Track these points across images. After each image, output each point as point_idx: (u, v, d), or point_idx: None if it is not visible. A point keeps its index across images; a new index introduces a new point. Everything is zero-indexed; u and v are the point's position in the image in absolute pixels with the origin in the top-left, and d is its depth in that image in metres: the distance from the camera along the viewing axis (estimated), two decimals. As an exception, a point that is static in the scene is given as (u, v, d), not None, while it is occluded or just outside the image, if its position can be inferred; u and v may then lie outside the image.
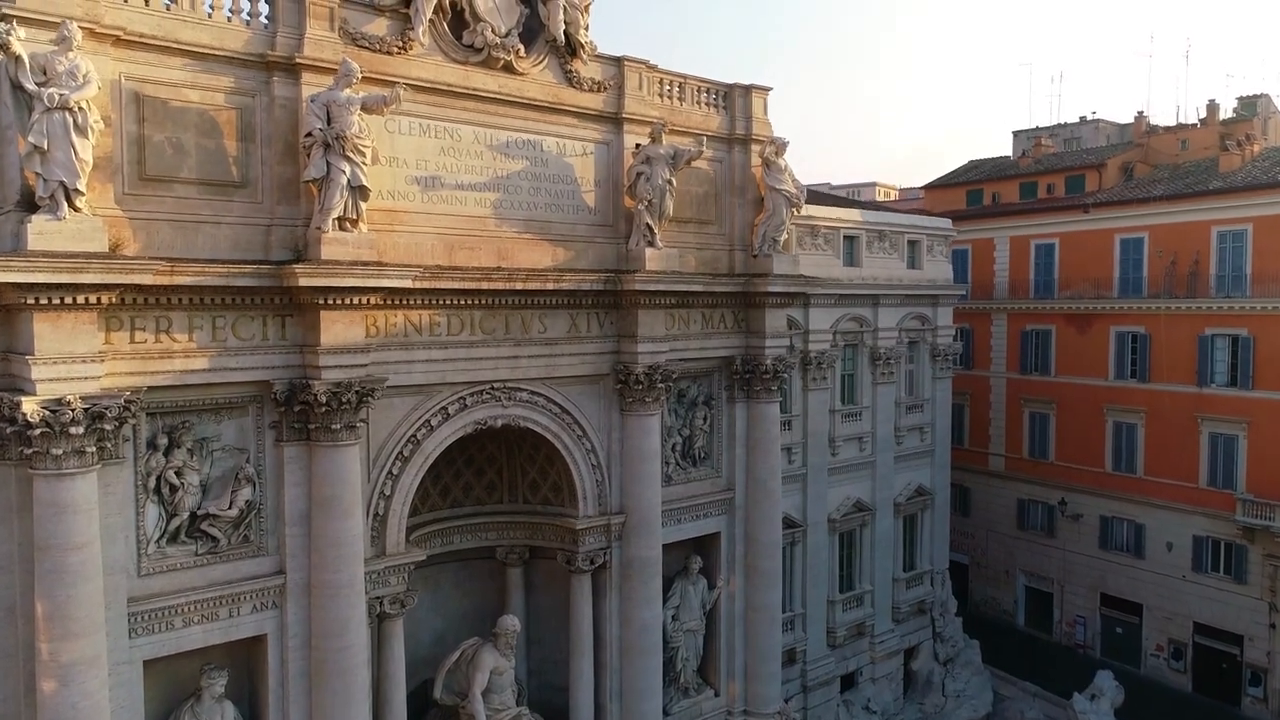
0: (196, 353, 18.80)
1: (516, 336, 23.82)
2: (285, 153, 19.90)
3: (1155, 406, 41.11)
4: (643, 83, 26.36)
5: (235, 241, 19.40)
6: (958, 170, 57.35)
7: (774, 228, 28.83)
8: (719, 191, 28.89)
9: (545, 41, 24.09)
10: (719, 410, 29.24)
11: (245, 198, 19.67)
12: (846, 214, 35.37)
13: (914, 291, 37.67)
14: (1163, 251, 40.59)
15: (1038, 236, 46.06)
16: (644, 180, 25.23)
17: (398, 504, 22.18)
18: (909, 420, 38.47)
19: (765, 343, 28.81)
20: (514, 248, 23.74)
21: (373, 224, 20.75)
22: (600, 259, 25.56)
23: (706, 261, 28.42)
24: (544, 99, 24.22)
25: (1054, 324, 45.07)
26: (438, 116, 22.45)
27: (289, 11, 19.95)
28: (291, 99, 19.94)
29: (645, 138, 25.69)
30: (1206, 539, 39.90)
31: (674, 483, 27.90)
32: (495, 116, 23.44)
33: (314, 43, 20.01)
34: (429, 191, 22.34)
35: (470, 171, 23.07)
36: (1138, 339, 41.73)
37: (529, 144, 24.17)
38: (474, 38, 22.69)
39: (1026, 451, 46.66)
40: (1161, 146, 48.07)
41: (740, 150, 29.04)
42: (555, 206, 24.80)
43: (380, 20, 21.41)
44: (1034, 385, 46.15)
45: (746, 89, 29.28)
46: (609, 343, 25.77)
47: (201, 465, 19.41)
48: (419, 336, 22.14)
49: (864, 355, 36.38)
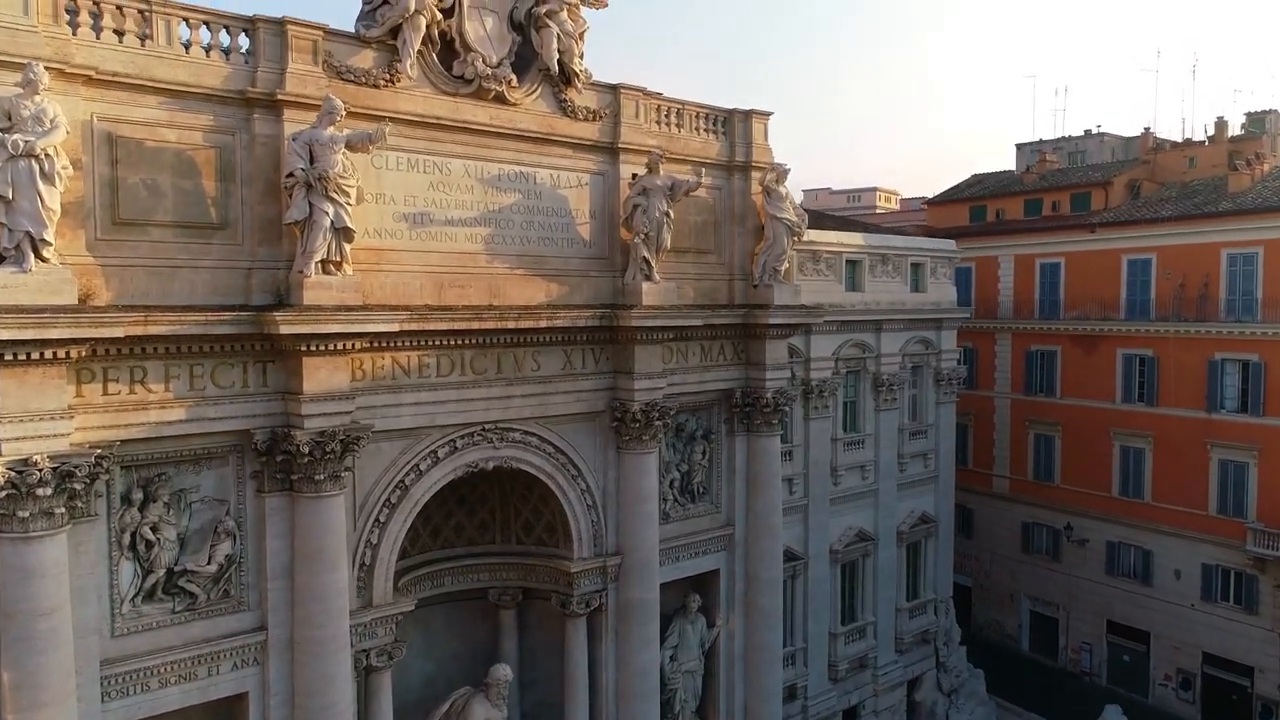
0: (173, 403, 18.04)
1: (509, 375, 23.06)
2: (267, 192, 19.14)
3: (1163, 431, 40.31)
4: (639, 110, 25.61)
5: (214, 286, 18.63)
6: (960, 185, 56.56)
7: (775, 257, 28.07)
8: (718, 220, 28.13)
9: (538, 70, 23.34)
10: (718, 444, 28.47)
11: (225, 240, 18.90)
12: (849, 238, 34.61)
13: (917, 316, 36.90)
14: (1171, 273, 39.81)
15: (1043, 255, 45.27)
16: (640, 212, 24.47)
17: (385, 553, 21.41)
18: (912, 446, 37.68)
19: (766, 375, 28.05)
20: (506, 284, 22.98)
21: (358, 263, 20.02)
22: (596, 293, 24.80)
23: (705, 292, 27.67)
24: (537, 130, 23.46)
25: (1059, 345, 44.29)
26: (427, 150, 21.69)
27: (270, 45, 19.20)
28: (273, 136, 19.18)
29: (642, 167, 24.94)
30: (1216, 567, 39.11)
31: (672, 520, 27.14)
32: (487, 149, 22.68)
33: (297, 78, 19.25)
34: (418, 228, 21.58)
35: (461, 206, 22.31)
36: (1145, 362, 40.94)
37: (522, 176, 23.41)
38: (464, 68, 21.93)
39: (1031, 474, 45.87)
40: (1169, 164, 47.27)
41: (740, 177, 28.29)
42: (549, 240, 24.04)
43: (366, 52, 20.65)
44: (1039, 406, 45.35)
45: (746, 114, 28.52)
46: (605, 379, 25.00)
47: (179, 518, 18.64)
48: (407, 379, 21.36)
49: (866, 381, 35.60)
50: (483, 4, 22.39)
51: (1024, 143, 63.24)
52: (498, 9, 22.69)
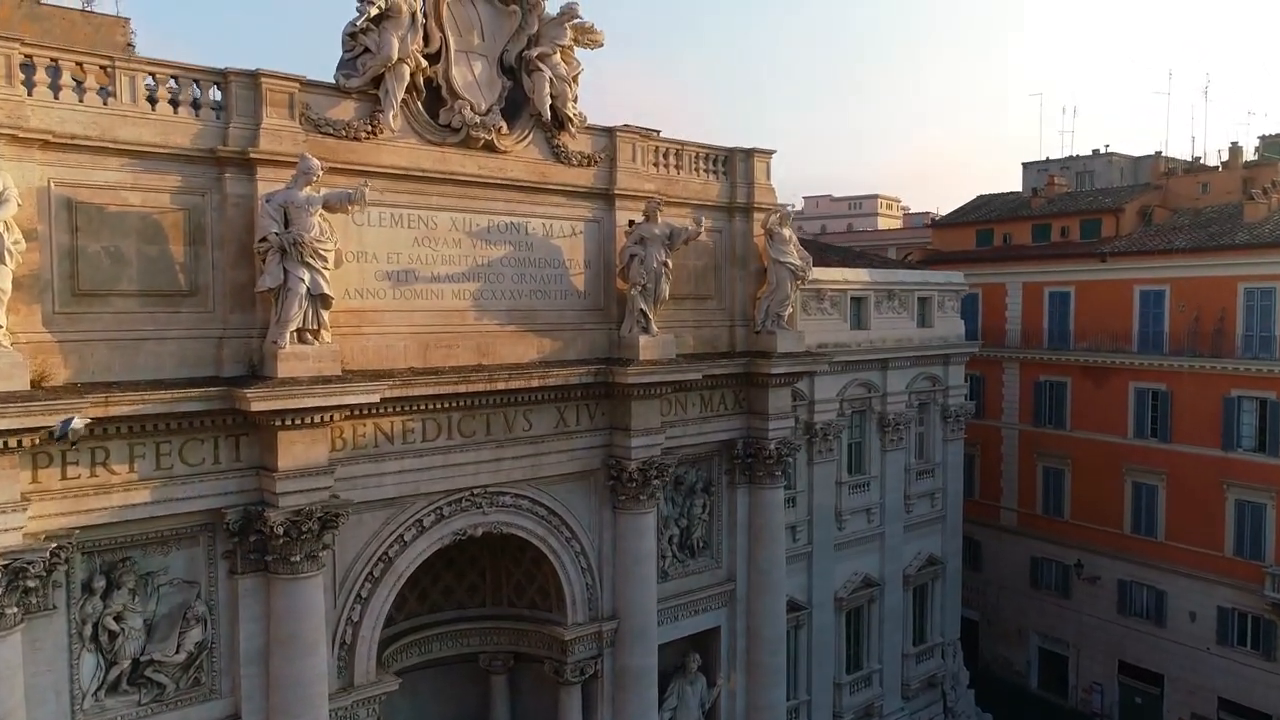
0: (138, 484, 16.93)
1: (499, 437, 21.92)
2: (240, 255, 18.04)
3: (1177, 468, 39.12)
4: (636, 153, 24.51)
5: (182, 357, 17.54)
6: (966, 207, 55.35)
7: (778, 302, 26.97)
8: (719, 263, 27.03)
9: (530, 115, 22.24)
10: (719, 496, 27.35)
11: (194, 307, 17.80)
12: (854, 274, 33.45)
13: (925, 352, 35.76)
14: (1185, 306, 38.64)
15: (1052, 284, 44.07)
16: (638, 263, 23.35)
17: (368, 630, 20.28)
18: (919, 487, 36.53)
19: (769, 425, 26.93)
20: (496, 342, 21.87)
21: (338, 327, 18.94)
22: (591, 347, 23.69)
23: (705, 340, 26.58)
24: (529, 179, 22.36)
25: (1069, 376, 43.10)
26: (411, 204, 20.58)
27: (243, 100, 18.10)
28: (246, 196, 18.09)
29: (639, 214, 23.86)
30: (1233, 611, 37.91)
31: (671, 578, 26.05)
32: (475, 200, 21.59)
33: (271, 134, 18.14)
34: (401, 287, 20.47)
35: (447, 262, 21.19)
36: (1158, 396, 39.76)
37: (512, 227, 22.30)
38: (451, 117, 20.84)
39: (1040, 507, 44.69)
40: (1181, 189, 46.06)
41: (741, 219, 27.20)
42: (541, 293, 22.93)
43: (347, 103, 19.54)
44: (1048, 439, 44.16)
45: (748, 153, 27.43)
46: (600, 436, 23.88)
47: (145, 604, 17.52)
48: (391, 446, 20.23)
49: (872, 422, 34.45)
50: (471, 48, 21.33)
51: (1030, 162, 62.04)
52: (487, 53, 21.62)
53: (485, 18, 21.49)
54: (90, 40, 37.28)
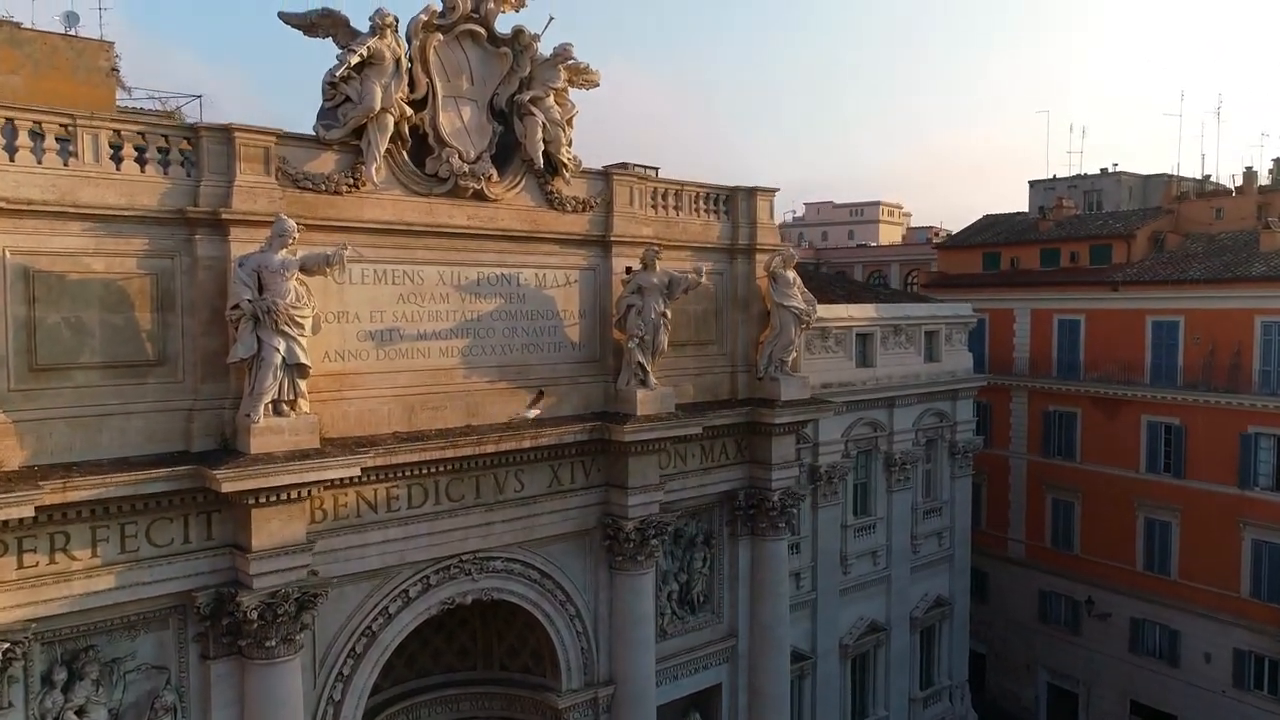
0: (101, 570, 15.89)
1: (489, 500, 20.87)
2: (212, 321, 16.99)
3: (1192, 505, 38.01)
4: (634, 197, 23.48)
5: (150, 433, 16.49)
6: (972, 228, 54.23)
7: (781, 348, 25.93)
8: (720, 307, 25.97)
9: (522, 161, 21.21)
10: (720, 548, 26.29)
11: (163, 377, 16.74)
12: (860, 311, 32.37)
13: (932, 388, 34.70)
14: (1200, 338, 37.55)
15: (1062, 311, 42.97)
16: (635, 314, 22.30)
17: (349, 709, 19.23)
18: (926, 526, 35.47)
19: (772, 475, 25.87)
20: (486, 400, 20.81)
21: (317, 392, 17.91)
22: (586, 401, 22.65)
23: (706, 387, 25.53)
24: (521, 228, 21.31)
25: (1079, 406, 41.99)
26: (396, 259, 19.53)
27: (215, 155, 17.06)
28: (219, 258, 17.05)
29: (636, 260, 22.83)
30: (1249, 654, 36.76)
31: (670, 636, 25.01)
32: (464, 252, 20.55)
33: (245, 192, 17.10)
34: (385, 346, 19.41)
35: (434, 318, 20.14)
36: (1172, 430, 38.65)
37: (503, 279, 21.25)
38: (439, 166, 19.80)
39: (1049, 540, 43.58)
40: (1194, 214, 44.97)
41: (743, 260, 26.16)
42: (534, 346, 21.87)
43: (326, 155, 18.49)
44: (1057, 470, 43.05)
45: (750, 192, 26.40)
46: (595, 494, 22.83)
47: (110, 694, 16.48)
48: (375, 514, 19.18)
49: (878, 462, 33.39)
50: (459, 93, 20.29)
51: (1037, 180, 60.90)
52: (476, 97, 20.59)
53: (474, 61, 20.45)
54: (72, 66, 36.36)
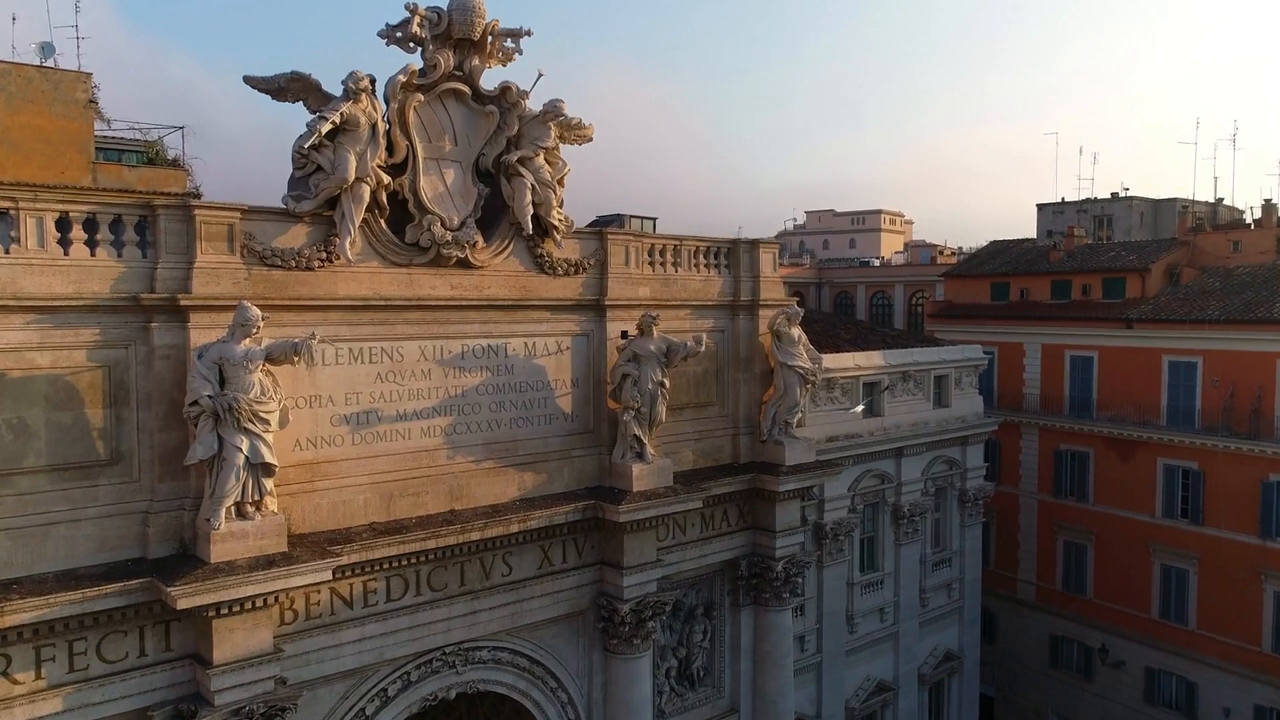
0: (46, 693, 14.59)
1: (474, 587, 19.55)
2: (170, 415, 15.67)
3: (1210, 553, 36.65)
4: (629, 255, 22.17)
5: (101, 540, 15.18)
6: (980, 256, 52.85)
7: (786, 409, 24.61)
8: (721, 366, 24.66)
9: (510, 224, 19.87)
10: (721, 619, 24.96)
11: (116, 478, 15.42)
12: (866, 359, 31.03)
13: (942, 436, 33.37)
14: (1219, 381, 36.19)
15: (1074, 347, 41.61)
16: (630, 384, 20.98)
17: (323, 821, 17.84)
18: (935, 578, 34.13)
19: (776, 542, 24.57)
20: (471, 481, 19.50)
21: (287, 484, 16.63)
22: (579, 476, 21.33)
23: (706, 452, 24.23)
24: (509, 296, 19.99)
25: (1092, 446, 40.62)
26: (373, 336, 18.20)
27: (174, 235, 15.77)
28: (177, 346, 15.75)
29: (632, 324, 21.53)
30: (1271, 711, 35.35)
31: (668, 715, 23.73)
32: (447, 325, 19.22)
33: (206, 274, 15.78)
34: (362, 430, 18.08)
35: (415, 397, 18.80)
36: (1189, 475, 37.29)
37: (490, 350, 19.93)
38: (419, 234, 18.48)
39: (1060, 583, 42.23)
40: (1210, 247, 43.59)
41: (746, 317, 24.84)
42: (523, 420, 20.54)
43: (297, 229, 17.17)
44: (1069, 511, 41.69)
45: (752, 244, 25.13)
46: (589, 573, 21.52)
47: (59, 823, 15.06)
48: (350, 611, 17.84)
49: (885, 514, 32.06)
50: (442, 155, 18.97)
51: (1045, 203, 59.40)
52: (460, 159, 19.27)
53: (458, 120, 19.13)
54: (49, 98, 35.05)
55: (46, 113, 34.52)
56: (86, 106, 35.60)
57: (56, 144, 34.66)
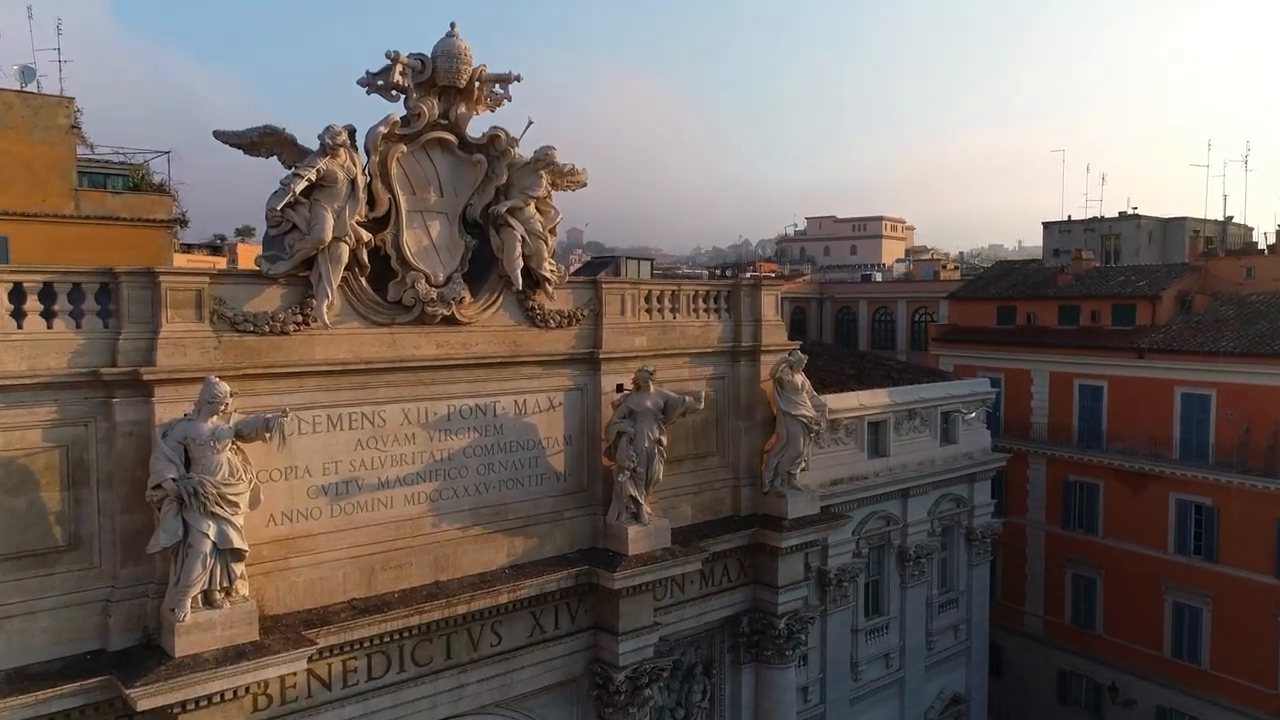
0: (-4, 800, 13.51)
1: (461, 660, 18.56)
2: (133, 496, 14.70)
3: (1225, 591, 35.59)
4: (625, 305, 21.21)
5: (58, 632, 14.23)
6: (986, 277, 51.80)
7: (789, 460, 23.64)
8: (721, 414, 23.68)
9: (499, 277, 18.87)
10: (720, 678, 24.00)
11: (75, 564, 14.47)
12: (872, 398, 30.02)
13: (949, 474, 32.36)
14: (1234, 415, 35.17)
15: (1083, 376, 40.58)
16: (626, 442, 20.00)
17: None
18: (942, 620, 33.12)
19: (778, 598, 23.60)
20: (458, 550, 18.52)
21: (259, 562, 15.67)
22: (572, 538, 20.36)
23: (706, 506, 23.26)
24: (499, 352, 19.01)
25: (1102, 478, 39.56)
26: (353, 401, 17.21)
27: (136, 303, 14.83)
28: (140, 422, 14.79)
29: (627, 375, 20.55)
30: (1287, 756, 34.44)
31: (666, 782, 22.68)
32: (432, 385, 18.25)
33: (172, 344, 14.81)
34: (341, 501, 17.10)
35: (398, 463, 17.82)
36: (1203, 511, 36.26)
37: (478, 410, 18.94)
38: (402, 292, 17.51)
39: (1069, 617, 41.17)
40: (1223, 272, 42.55)
41: (747, 363, 23.89)
42: (513, 481, 19.55)
43: (271, 291, 16.19)
44: (1078, 544, 40.64)
45: (753, 286, 24.22)
46: (583, 637, 20.54)
47: None
48: (329, 692, 16.87)
49: (891, 557, 31.05)
50: (427, 207, 18.01)
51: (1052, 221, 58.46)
52: (446, 210, 18.32)
53: (444, 170, 18.15)
54: (29, 124, 34.09)
55: (27, 139, 33.58)
56: (69, 132, 34.64)
57: (37, 171, 33.76)
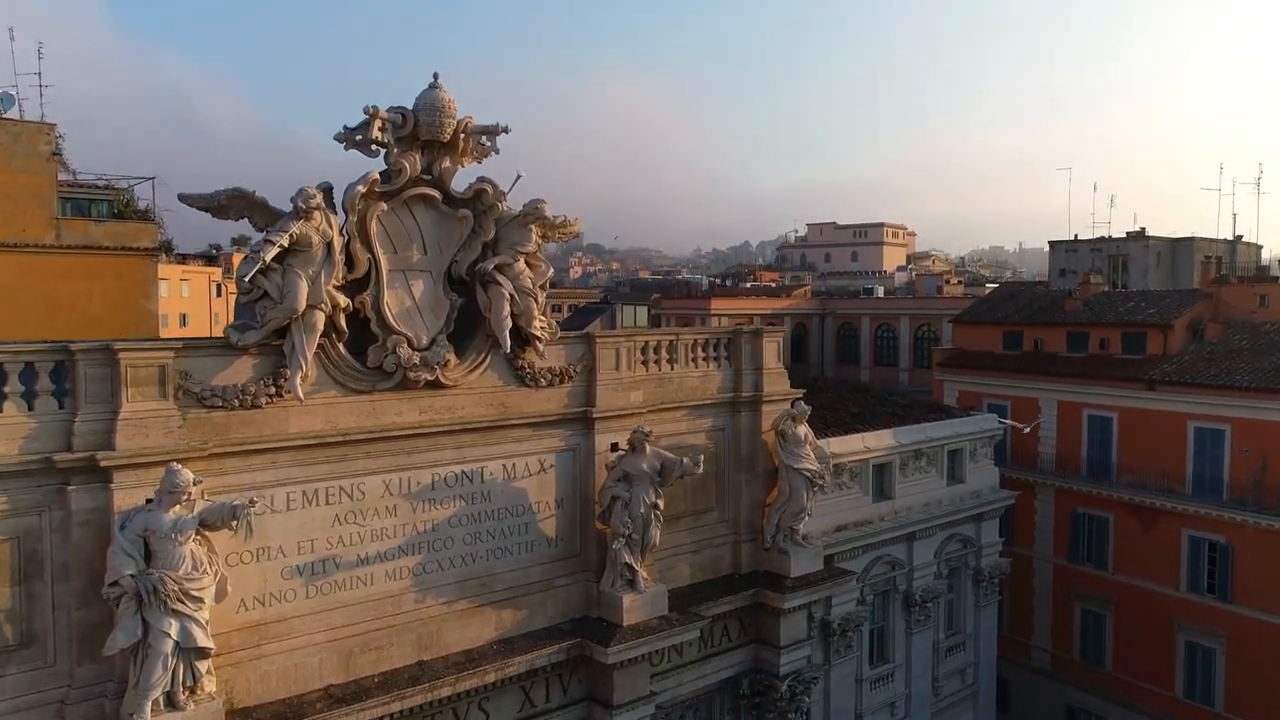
0: None
1: (446, 741, 17.52)
2: (90, 588, 13.76)
3: (1240, 633, 34.55)
4: (620, 359, 20.23)
5: (6, 739, 13.17)
6: (992, 300, 50.75)
7: (792, 515, 22.68)
8: (721, 467, 22.72)
9: (486, 336, 17.88)
10: (721, 740, 22.97)
11: (28, 664, 13.53)
12: (876, 440, 29.01)
13: (956, 515, 31.36)
14: (1249, 451, 34.15)
15: (1092, 406, 39.56)
16: (620, 506, 19.03)
17: None
18: (949, 664, 32.11)
19: (780, 658, 22.62)
20: (443, 627, 17.56)
21: (229, 651, 14.75)
22: (564, 607, 19.39)
23: (705, 564, 22.32)
24: (486, 415, 18.04)
25: (1112, 511, 38.54)
26: (331, 475, 16.25)
27: (95, 382, 13.88)
28: (99, 510, 13.85)
29: (622, 434, 19.58)
30: (1304, 806, 33.41)
31: None
32: (415, 454, 17.29)
33: (133, 426, 13.85)
34: (317, 580, 16.13)
35: (379, 537, 16.85)
36: (1217, 549, 35.26)
37: (464, 477, 17.98)
38: (383, 357, 16.52)
39: (1077, 653, 40.15)
40: (1235, 299, 41.52)
41: (748, 414, 22.93)
42: (501, 550, 18.58)
43: (242, 362, 15.22)
44: (1086, 578, 39.62)
45: (754, 333, 23.26)
46: (576, 710, 19.56)
47: None
48: (302, 786, 15.80)
49: (896, 602, 30.05)
50: (409, 265, 17.03)
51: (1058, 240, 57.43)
52: (430, 267, 17.33)
53: (428, 227, 17.16)
54: (9, 152, 33.13)
55: (6, 167, 32.65)
56: (50, 159, 33.68)
57: (18, 200, 32.81)
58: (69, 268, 33.52)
